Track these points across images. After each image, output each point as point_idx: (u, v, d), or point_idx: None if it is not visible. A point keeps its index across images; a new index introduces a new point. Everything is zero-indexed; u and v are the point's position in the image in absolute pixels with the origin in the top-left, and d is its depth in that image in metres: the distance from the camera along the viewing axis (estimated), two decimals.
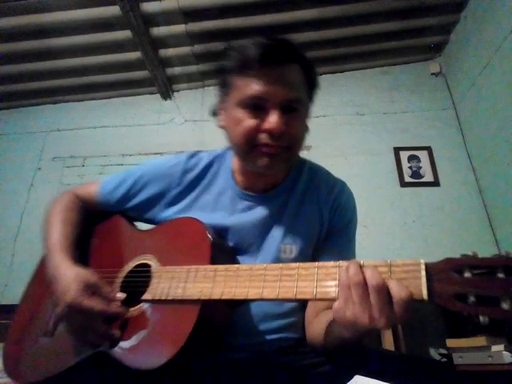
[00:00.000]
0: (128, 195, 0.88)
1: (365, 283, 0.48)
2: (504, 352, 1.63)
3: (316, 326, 0.73)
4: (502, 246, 2.41)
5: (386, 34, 2.92)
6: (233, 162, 0.86)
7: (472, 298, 0.42)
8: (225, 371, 0.71)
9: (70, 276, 0.70)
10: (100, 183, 0.94)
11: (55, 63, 2.91)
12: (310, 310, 0.79)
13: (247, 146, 0.72)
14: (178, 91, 3.24)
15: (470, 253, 1.71)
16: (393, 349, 1.87)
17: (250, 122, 0.70)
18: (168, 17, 2.65)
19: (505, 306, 0.39)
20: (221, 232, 0.79)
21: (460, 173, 2.71)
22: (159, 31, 2.73)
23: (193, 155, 0.89)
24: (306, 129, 0.80)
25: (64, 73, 3.00)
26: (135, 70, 3.01)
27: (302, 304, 0.82)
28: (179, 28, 2.72)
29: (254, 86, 0.70)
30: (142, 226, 0.93)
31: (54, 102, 3.28)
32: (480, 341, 1.71)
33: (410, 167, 2.76)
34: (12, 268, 2.63)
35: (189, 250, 0.73)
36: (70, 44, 2.77)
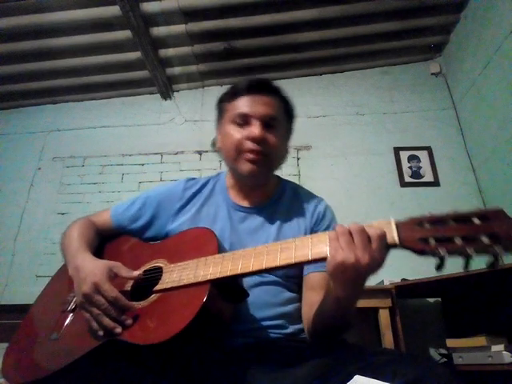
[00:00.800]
0: (139, 214, 0.99)
1: (350, 232, 0.61)
2: (504, 352, 1.63)
3: (313, 310, 0.79)
4: None
5: (385, 33, 2.93)
6: (226, 180, 1.02)
7: (432, 240, 0.55)
8: (225, 357, 0.74)
9: (94, 263, 0.79)
10: (111, 209, 1.03)
11: (55, 63, 2.92)
12: (305, 307, 0.85)
13: (235, 153, 0.90)
14: (177, 91, 3.24)
15: None
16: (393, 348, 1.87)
17: (237, 134, 0.90)
18: (168, 17, 2.65)
19: (457, 241, 0.54)
20: (220, 239, 0.87)
21: (460, 173, 2.71)
22: (159, 31, 2.74)
23: (191, 178, 1.04)
24: (285, 148, 0.98)
25: (64, 73, 3.01)
26: (135, 69, 3.01)
27: (297, 299, 0.89)
28: (179, 28, 2.73)
29: (240, 106, 0.91)
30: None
31: (54, 102, 3.28)
32: (480, 341, 1.71)
33: (410, 167, 2.76)
34: (12, 268, 2.63)
35: (197, 249, 0.79)
36: (70, 44, 2.77)
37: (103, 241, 0.99)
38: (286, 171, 2.80)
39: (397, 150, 2.82)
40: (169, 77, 3.09)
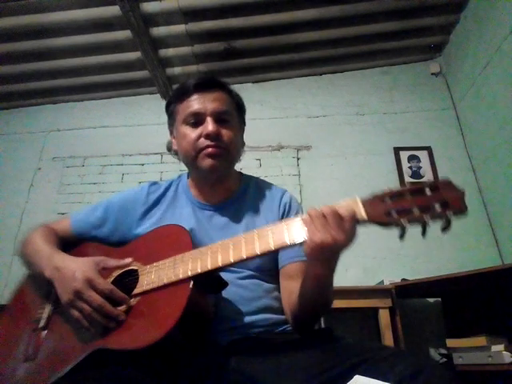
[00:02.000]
0: (101, 220, 0.96)
1: (323, 215, 0.64)
2: (504, 352, 1.63)
3: (293, 295, 0.81)
4: (502, 246, 2.41)
5: (385, 34, 2.93)
6: (188, 181, 1.02)
7: (394, 213, 0.62)
8: (213, 355, 0.74)
9: (77, 262, 0.77)
10: (71, 215, 1.01)
11: (55, 63, 2.91)
12: (285, 296, 0.87)
13: (194, 152, 0.90)
14: None
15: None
16: None
17: (192, 133, 0.90)
18: (168, 17, 2.65)
19: (415, 211, 0.61)
20: None
21: (460, 173, 2.71)
22: (159, 31, 2.73)
23: (154, 183, 1.03)
24: (240, 140, 0.99)
25: (64, 73, 3.00)
26: (135, 69, 3.01)
27: (275, 288, 0.90)
28: (179, 28, 2.72)
29: (191, 106, 0.91)
30: None
31: (54, 102, 3.28)
32: (480, 341, 1.71)
33: (410, 167, 2.76)
34: (12, 268, 2.63)
35: (171, 247, 0.77)
36: (70, 44, 2.77)
37: (65, 248, 0.93)
38: (285, 171, 2.80)
39: (397, 150, 2.82)
40: (169, 77, 3.09)
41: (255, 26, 2.75)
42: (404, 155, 2.80)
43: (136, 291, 0.73)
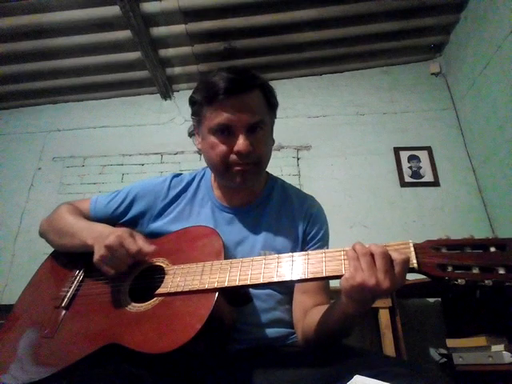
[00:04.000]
0: (119, 210, 0.95)
1: (371, 253, 0.59)
2: (504, 352, 1.63)
3: (311, 317, 0.77)
4: None
5: (385, 34, 2.92)
6: (211, 178, 0.98)
7: (450, 267, 0.56)
8: (226, 363, 0.74)
9: (115, 228, 0.82)
10: (92, 199, 1.00)
11: (55, 63, 2.91)
12: (298, 311, 0.84)
13: (222, 167, 0.85)
14: (177, 91, 3.24)
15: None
16: (393, 348, 1.87)
17: (222, 146, 0.83)
18: (168, 17, 2.65)
19: (475, 271, 0.54)
20: None
21: (460, 173, 2.71)
22: (159, 31, 2.73)
23: (177, 175, 1.00)
24: (271, 143, 0.93)
25: (64, 73, 3.00)
26: (135, 70, 3.01)
27: (286, 300, 0.87)
28: (179, 28, 2.72)
29: (221, 115, 0.82)
30: None
31: (54, 102, 3.28)
32: (480, 341, 1.71)
33: (410, 167, 2.76)
34: (12, 268, 2.63)
35: (202, 251, 0.76)
36: (70, 44, 2.77)
37: None
38: (285, 171, 2.80)
39: (397, 150, 2.82)
40: (169, 77, 3.09)
41: (255, 26, 2.75)
42: (404, 155, 2.80)
43: (160, 291, 0.72)
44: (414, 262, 0.58)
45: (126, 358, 0.64)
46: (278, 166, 2.83)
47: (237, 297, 0.72)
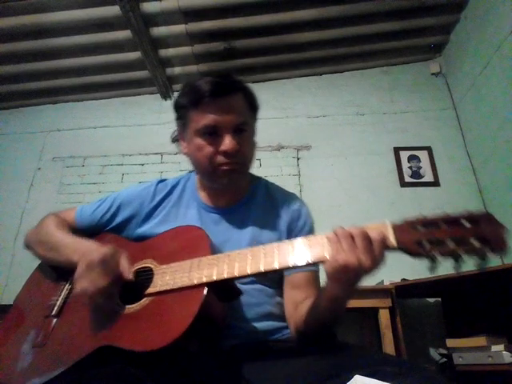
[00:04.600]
0: (105, 217, 0.96)
1: (351, 235, 0.62)
2: (504, 352, 1.63)
3: (302, 309, 0.79)
4: None
5: (385, 34, 2.93)
6: (196, 181, 0.99)
7: (426, 243, 0.59)
8: (221, 359, 0.74)
9: (97, 244, 0.80)
10: (77, 208, 1.00)
11: (55, 63, 2.92)
12: (289, 306, 0.85)
13: (210, 168, 0.86)
14: (177, 91, 3.23)
15: None
16: (393, 348, 1.87)
17: (209, 148, 0.85)
18: (168, 17, 2.65)
19: (449, 244, 0.57)
20: None
21: (460, 173, 2.71)
22: (159, 31, 2.74)
23: (162, 180, 1.02)
24: (254, 145, 0.95)
25: (64, 73, 3.01)
26: (135, 70, 3.01)
27: (275, 294, 0.89)
28: (179, 28, 2.73)
29: (207, 117, 0.84)
30: None
31: (54, 102, 3.28)
32: (480, 341, 1.71)
33: (410, 167, 2.76)
34: (12, 268, 2.64)
35: (189, 249, 0.76)
36: (70, 44, 2.77)
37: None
38: (285, 171, 2.80)
39: (397, 150, 2.82)
40: (169, 77, 3.09)
41: (255, 26, 2.75)
42: (404, 155, 2.80)
43: (149, 291, 0.73)
44: (392, 241, 0.61)
45: (122, 359, 0.64)
46: (278, 165, 2.83)
47: (226, 291, 0.72)
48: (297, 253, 0.66)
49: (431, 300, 2.37)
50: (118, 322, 0.70)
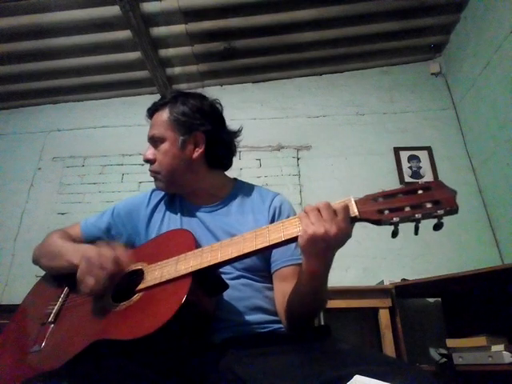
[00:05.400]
0: (108, 225, 1.03)
1: (318, 209, 0.68)
2: (504, 352, 1.63)
3: (289, 297, 0.82)
4: (502, 246, 2.41)
5: (385, 34, 2.93)
6: None
7: (386, 211, 0.65)
8: (215, 352, 0.76)
9: (94, 245, 0.85)
10: (81, 222, 1.08)
11: (55, 63, 2.91)
12: (279, 298, 0.88)
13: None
14: None
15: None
16: (393, 348, 1.87)
17: None
18: (168, 17, 2.65)
19: (406, 209, 0.64)
20: None
21: (460, 173, 2.71)
22: (159, 31, 2.74)
23: (155, 189, 1.09)
24: (173, 154, 0.98)
25: (64, 73, 3.00)
26: (135, 70, 3.01)
27: (265, 288, 0.92)
28: (179, 28, 2.73)
29: None
30: None
31: (54, 102, 3.28)
32: (480, 341, 1.71)
33: (410, 167, 2.76)
34: (12, 268, 2.63)
35: (176, 248, 0.81)
36: (70, 44, 2.77)
37: None
38: (285, 171, 2.80)
39: (397, 150, 2.82)
40: (169, 77, 3.09)
41: (255, 26, 2.75)
42: (404, 155, 2.80)
43: (140, 286, 0.77)
44: (355, 211, 0.67)
45: (117, 353, 0.66)
46: (278, 166, 2.83)
47: (212, 284, 0.76)
48: (272, 234, 0.72)
49: (431, 300, 2.37)
50: (110, 319, 0.74)
